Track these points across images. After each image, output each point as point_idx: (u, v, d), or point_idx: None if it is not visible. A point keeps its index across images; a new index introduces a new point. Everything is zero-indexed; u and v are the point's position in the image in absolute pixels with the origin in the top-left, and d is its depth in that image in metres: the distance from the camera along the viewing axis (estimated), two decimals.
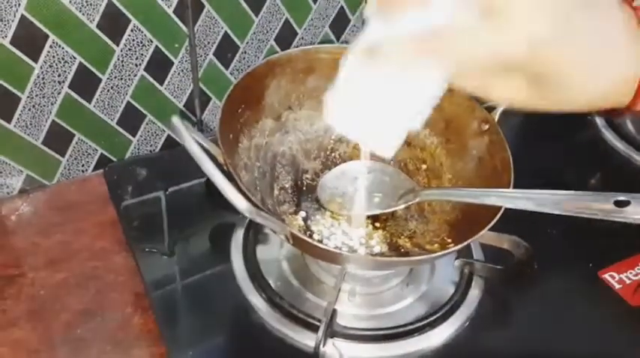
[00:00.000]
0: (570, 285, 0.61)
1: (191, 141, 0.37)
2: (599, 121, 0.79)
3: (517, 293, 0.59)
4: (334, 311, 0.51)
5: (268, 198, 0.57)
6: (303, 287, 0.57)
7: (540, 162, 0.74)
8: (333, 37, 0.82)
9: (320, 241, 0.55)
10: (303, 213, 0.59)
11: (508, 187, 0.51)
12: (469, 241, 0.47)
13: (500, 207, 0.48)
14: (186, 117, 0.77)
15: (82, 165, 0.73)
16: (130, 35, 0.66)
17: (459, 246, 0.47)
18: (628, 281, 0.61)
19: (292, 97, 0.61)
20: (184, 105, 0.76)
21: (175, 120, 0.39)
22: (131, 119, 0.73)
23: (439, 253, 0.46)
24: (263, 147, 0.58)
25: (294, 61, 0.59)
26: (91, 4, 0.62)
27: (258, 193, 0.55)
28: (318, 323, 0.51)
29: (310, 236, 0.56)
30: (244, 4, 0.72)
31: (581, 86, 0.33)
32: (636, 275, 0.62)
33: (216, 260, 0.59)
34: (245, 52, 0.76)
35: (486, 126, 0.57)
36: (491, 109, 0.57)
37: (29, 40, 0.60)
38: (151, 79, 0.71)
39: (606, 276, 0.62)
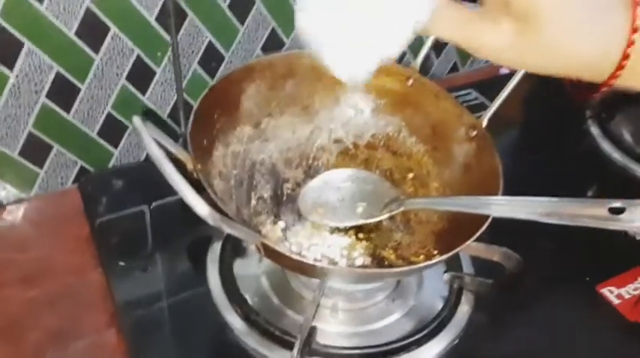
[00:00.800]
0: (566, 300, 0.59)
1: (150, 142, 0.35)
2: (595, 131, 0.77)
3: (509, 309, 0.57)
4: (313, 329, 0.48)
5: (244, 207, 0.54)
6: (283, 304, 0.54)
7: (534, 173, 0.72)
8: None
9: (299, 253, 0.52)
10: (282, 224, 0.56)
11: (497, 194, 0.49)
12: (454, 251, 0.45)
13: (487, 218, 0.46)
14: (171, 129, 0.75)
15: (61, 178, 0.71)
16: (110, 43, 0.65)
17: (444, 257, 0.44)
18: (627, 296, 0.59)
19: (272, 104, 0.58)
20: (168, 116, 0.75)
21: (136, 120, 0.37)
22: (112, 130, 0.71)
23: (421, 265, 0.43)
24: (241, 155, 0.56)
25: (274, 65, 0.57)
26: (68, 11, 0.60)
27: (233, 203, 0.53)
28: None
29: (289, 248, 0.54)
30: (229, 13, 0.70)
31: (568, 45, 0.32)
32: (636, 289, 0.59)
33: (193, 276, 0.57)
34: (231, 62, 0.74)
35: (474, 133, 0.55)
36: (479, 115, 0.55)
37: (3, 47, 0.59)
38: (133, 89, 0.70)
39: (604, 291, 0.59)
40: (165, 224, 0.63)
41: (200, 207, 0.34)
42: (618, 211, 0.40)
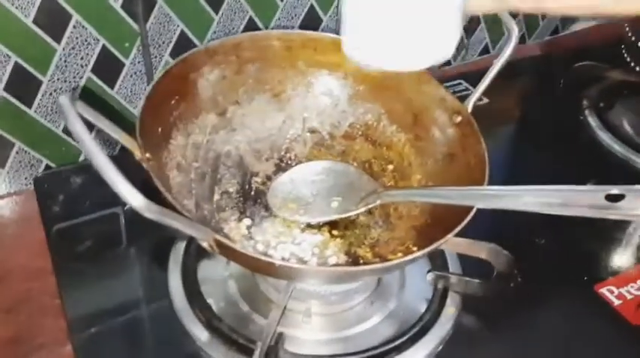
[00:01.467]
0: (562, 301, 0.55)
1: (75, 119, 0.31)
2: (593, 121, 0.74)
3: (499, 311, 0.52)
4: (280, 336, 0.44)
5: (206, 202, 0.50)
6: (252, 310, 0.50)
7: (531, 167, 0.70)
8: None
9: (264, 253, 0.48)
10: (247, 221, 0.52)
11: (482, 184, 0.44)
12: (434, 246, 0.40)
13: (472, 208, 0.41)
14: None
15: (25, 178, 0.67)
16: (72, 32, 0.61)
17: (422, 252, 0.40)
18: (629, 297, 0.55)
19: (240, 90, 0.55)
20: None
21: (62, 98, 0.32)
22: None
23: (394, 261, 0.39)
24: (203, 146, 0.52)
25: (240, 48, 0.53)
26: None
27: (193, 197, 0.49)
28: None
29: (254, 245, 0.49)
30: (202, 1, 0.66)
31: None
32: (638, 289, 0.55)
33: (154, 280, 0.53)
34: None
35: (459, 119, 0.51)
36: (463, 99, 0.51)
37: None
38: (100, 82, 0.66)
39: (604, 291, 0.55)
40: (127, 222, 0.59)
41: (133, 197, 0.30)
42: (617, 198, 0.36)
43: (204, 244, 0.38)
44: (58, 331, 0.52)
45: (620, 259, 0.59)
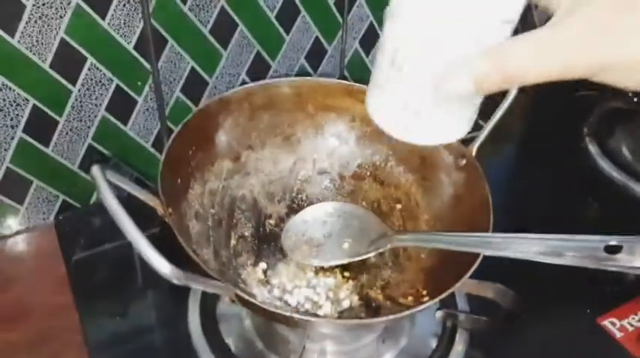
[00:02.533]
0: (566, 334, 0.56)
1: (107, 194, 0.33)
2: (593, 148, 0.74)
3: (506, 346, 0.54)
4: None
5: (223, 249, 0.52)
6: (268, 349, 0.52)
7: (531, 193, 0.71)
8: (309, 69, 0.78)
9: (280, 298, 0.49)
10: (263, 265, 0.54)
11: (487, 229, 0.46)
12: (444, 294, 0.42)
13: (478, 255, 0.43)
14: (155, 158, 0.73)
15: (43, 213, 0.69)
16: (87, 74, 0.63)
17: (432, 302, 0.42)
18: (630, 329, 0.56)
19: (252, 136, 0.56)
20: (152, 146, 0.72)
21: (95, 169, 0.34)
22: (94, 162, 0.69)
23: (406, 312, 0.40)
24: (219, 192, 0.54)
25: (251, 96, 0.54)
26: (42, 43, 0.58)
27: (211, 245, 0.50)
28: None
29: (270, 290, 0.51)
30: (210, 38, 0.68)
31: None
32: (639, 321, 0.56)
33: (173, 317, 0.54)
34: (215, 88, 0.72)
35: (463, 161, 0.52)
36: (469, 137, 0.52)
37: None
38: (114, 120, 0.68)
39: (606, 323, 0.57)
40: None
41: (161, 266, 0.32)
42: (615, 249, 0.37)
43: (225, 298, 0.40)
44: None
45: (621, 291, 0.59)
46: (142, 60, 0.65)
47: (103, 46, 0.62)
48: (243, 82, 0.73)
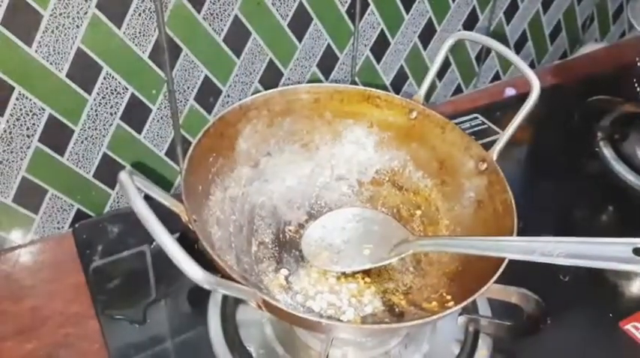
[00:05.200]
0: (589, 339, 0.55)
1: (137, 199, 0.33)
2: (608, 153, 0.74)
3: (529, 352, 0.54)
4: None
5: (245, 255, 0.52)
6: (289, 355, 0.51)
7: (546, 199, 0.70)
8: (321, 76, 0.79)
9: (303, 305, 0.49)
10: (285, 271, 0.53)
11: (511, 232, 0.46)
12: (469, 300, 0.42)
13: (503, 259, 0.43)
14: (169, 166, 0.73)
15: (58, 222, 0.69)
16: (102, 83, 0.63)
17: (458, 307, 0.42)
18: None
19: (271, 142, 0.56)
20: (166, 154, 0.72)
21: (123, 175, 0.34)
22: (109, 171, 0.69)
23: (432, 317, 0.40)
24: (239, 199, 0.53)
25: (270, 103, 0.54)
26: (58, 53, 0.58)
27: (233, 251, 0.50)
28: None
29: (293, 296, 0.51)
30: (224, 46, 0.68)
31: None
32: None
33: (193, 324, 0.54)
34: (228, 96, 0.73)
35: (484, 166, 0.52)
36: (487, 142, 0.52)
37: None
38: (128, 128, 0.68)
39: (629, 327, 0.56)
40: (168, 264, 0.61)
41: (193, 271, 0.32)
42: None
43: (252, 304, 0.40)
44: None
45: None
46: (156, 69, 0.65)
47: (119, 55, 0.62)
48: (256, 90, 0.74)
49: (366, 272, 0.54)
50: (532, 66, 1.01)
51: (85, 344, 0.56)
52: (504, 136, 0.51)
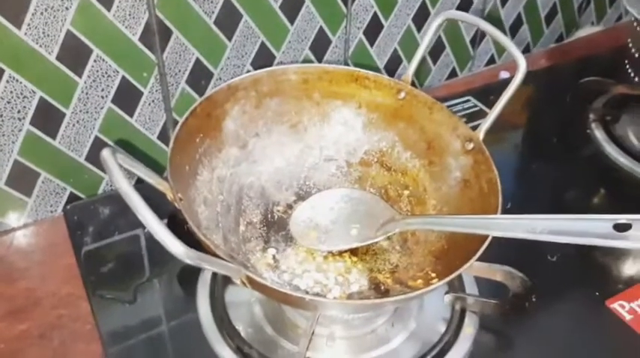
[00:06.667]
0: (575, 317, 0.56)
1: (119, 176, 0.33)
2: (600, 134, 0.74)
3: (516, 329, 0.54)
4: None
5: (232, 235, 0.52)
6: (277, 334, 0.52)
7: (536, 181, 0.71)
8: (314, 59, 0.79)
9: (290, 283, 0.50)
10: (272, 250, 0.54)
11: (496, 211, 0.46)
12: (453, 276, 0.42)
13: (486, 236, 0.43)
14: (161, 149, 0.73)
15: (51, 205, 0.69)
16: (93, 66, 0.63)
17: (442, 282, 0.42)
18: None
19: (259, 123, 0.56)
20: (158, 137, 0.73)
21: (105, 152, 0.35)
22: None
23: (417, 292, 0.41)
24: (227, 179, 0.54)
25: (259, 83, 0.55)
26: (48, 36, 0.58)
27: (220, 230, 0.50)
28: None
29: (280, 275, 0.51)
30: (215, 29, 0.68)
31: None
32: None
33: (183, 305, 0.54)
34: (220, 79, 0.73)
35: (471, 145, 0.52)
36: (477, 124, 0.52)
37: None
38: (120, 111, 0.68)
39: (615, 306, 0.56)
40: (161, 248, 0.61)
41: (174, 246, 0.32)
42: (624, 228, 0.38)
43: (237, 280, 0.40)
44: (90, 355, 0.54)
45: (630, 273, 0.59)
46: (147, 51, 0.65)
47: (109, 38, 0.62)
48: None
49: (354, 252, 0.54)
50: (527, 49, 1.01)
51: (77, 324, 0.57)
52: (491, 115, 0.51)
